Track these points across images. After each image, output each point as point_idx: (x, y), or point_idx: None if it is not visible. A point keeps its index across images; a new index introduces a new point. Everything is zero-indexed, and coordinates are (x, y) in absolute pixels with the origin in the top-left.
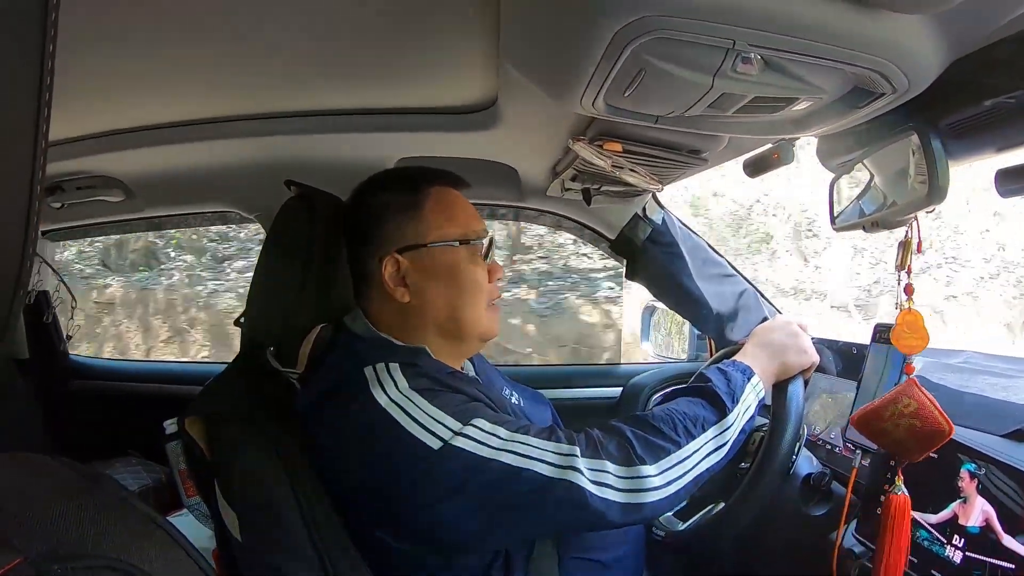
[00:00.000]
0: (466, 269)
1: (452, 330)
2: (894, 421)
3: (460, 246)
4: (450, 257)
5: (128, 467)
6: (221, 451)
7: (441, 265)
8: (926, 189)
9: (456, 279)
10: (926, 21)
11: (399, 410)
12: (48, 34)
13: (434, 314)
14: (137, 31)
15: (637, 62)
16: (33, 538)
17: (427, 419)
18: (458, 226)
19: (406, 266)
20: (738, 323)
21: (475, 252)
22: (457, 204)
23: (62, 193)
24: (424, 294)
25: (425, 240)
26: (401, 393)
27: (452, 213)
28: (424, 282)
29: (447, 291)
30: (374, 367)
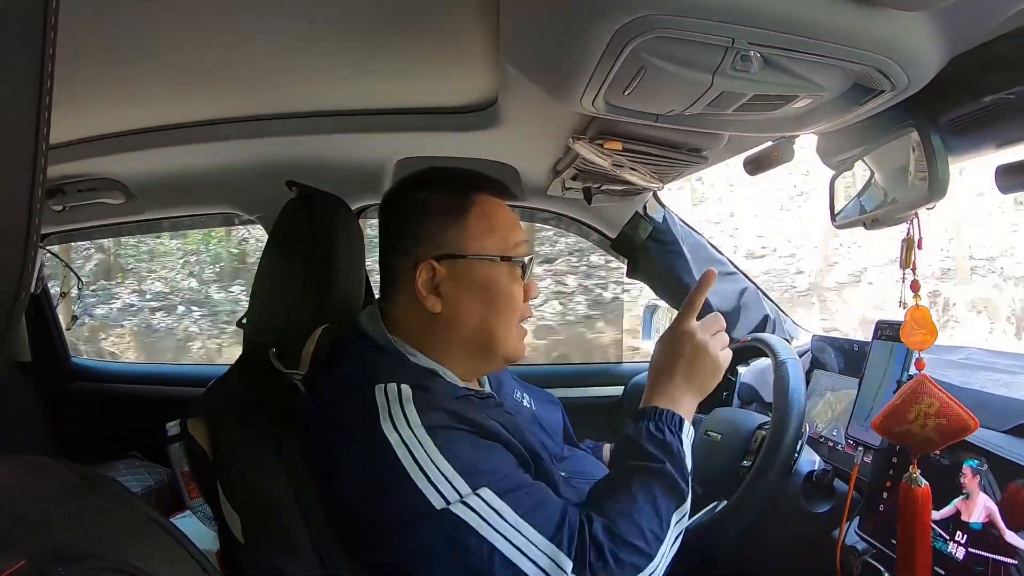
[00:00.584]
0: (504, 287)
1: (480, 347)
2: (920, 422)
3: (501, 262)
4: (490, 272)
5: (130, 468)
6: (224, 452)
7: (479, 279)
8: (926, 186)
9: (492, 295)
10: (925, 18)
11: (408, 455)
12: (48, 36)
13: (464, 328)
14: (137, 33)
15: (637, 61)
16: (36, 540)
17: (436, 473)
18: (502, 240)
19: (442, 275)
20: (740, 321)
21: (515, 270)
22: (503, 216)
23: (63, 196)
24: (457, 306)
25: (466, 251)
26: (412, 432)
27: (496, 225)
28: (458, 294)
29: (481, 307)
30: (385, 388)
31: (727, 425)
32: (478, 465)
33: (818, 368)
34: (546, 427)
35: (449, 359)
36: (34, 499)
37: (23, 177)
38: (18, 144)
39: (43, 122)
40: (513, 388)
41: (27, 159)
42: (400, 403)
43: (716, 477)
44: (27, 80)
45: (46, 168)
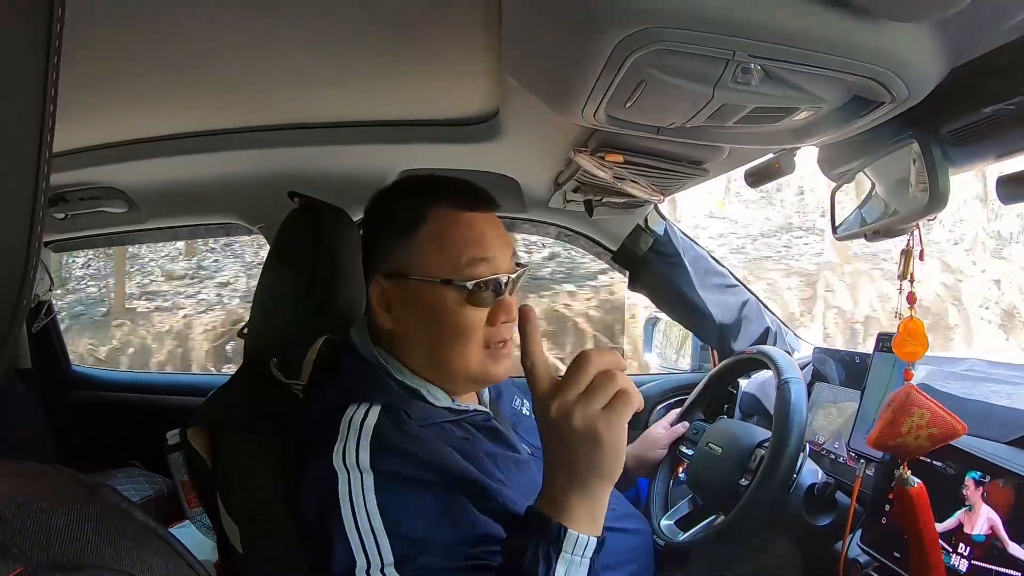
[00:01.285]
0: (450, 311)
1: (437, 370)
2: (914, 434)
3: (442, 285)
4: (433, 295)
5: (130, 477)
6: (224, 462)
7: (423, 301)
8: (927, 197)
9: (438, 319)
10: (924, 29)
11: (347, 495)
12: (52, 45)
13: (416, 349)
14: (140, 44)
15: (638, 74)
16: (33, 548)
17: (366, 528)
18: (450, 261)
19: (390, 292)
20: (740, 333)
21: (462, 293)
22: (456, 232)
23: (65, 204)
24: (407, 327)
25: (408, 271)
26: (360, 473)
27: (446, 244)
28: (406, 314)
29: (427, 330)
30: (354, 413)
31: (728, 438)
32: (413, 532)
33: (820, 380)
34: None
35: (418, 372)
36: (33, 507)
37: (26, 185)
38: (21, 152)
39: (46, 130)
40: (514, 396)
41: (30, 167)
42: (358, 437)
43: (716, 490)
44: (31, 89)
45: (49, 176)
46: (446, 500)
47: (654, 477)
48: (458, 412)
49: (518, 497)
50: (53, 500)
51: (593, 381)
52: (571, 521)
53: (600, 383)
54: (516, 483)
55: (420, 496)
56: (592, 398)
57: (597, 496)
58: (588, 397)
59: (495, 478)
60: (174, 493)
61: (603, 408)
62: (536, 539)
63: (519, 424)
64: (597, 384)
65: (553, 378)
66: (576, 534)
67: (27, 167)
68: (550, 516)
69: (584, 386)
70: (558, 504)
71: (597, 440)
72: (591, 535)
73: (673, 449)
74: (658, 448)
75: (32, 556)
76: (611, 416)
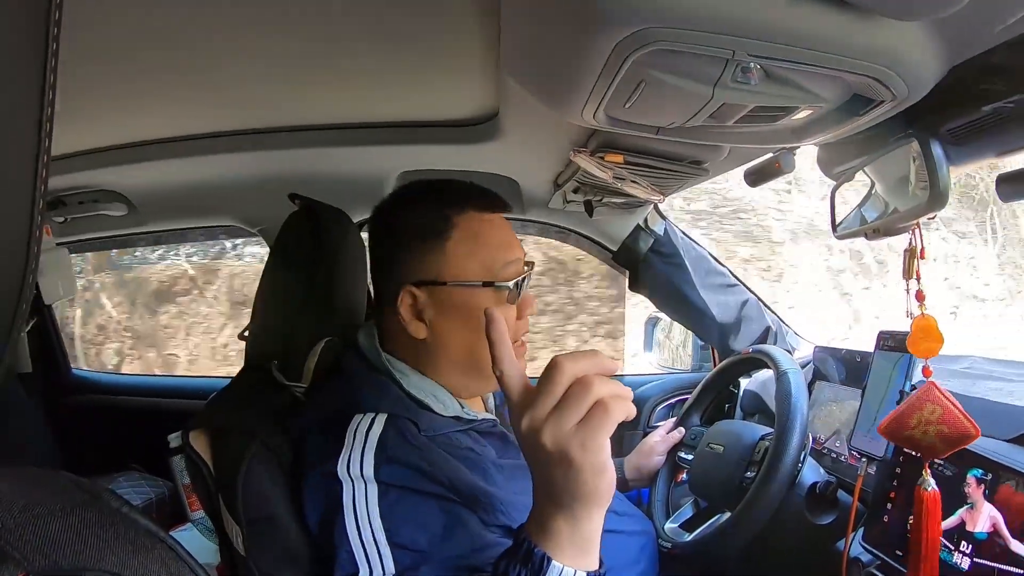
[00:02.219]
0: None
1: (471, 372)
2: (921, 428)
3: (484, 288)
4: (472, 299)
5: (131, 481)
6: (225, 465)
7: (461, 306)
8: (927, 195)
9: (477, 322)
10: (924, 28)
11: (351, 504)
12: (50, 48)
13: (452, 355)
14: (139, 47)
15: (637, 74)
16: (34, 552)
17: (369, 538)
18: (484, 263)
19: (424, 301)
20: (741, 333)
21: (501, 294)
22: (487, 235)
23: (64, 207)
24: (441, 333)
25: (445, 277)
26: (364, 483)
27: (479, 248)
28: (442, 321)
29: (466, 333)
30: (359, 422)
31: (729, 437)
32: (414, 543)
33: (820, 379)
34: None
35: (442, 379)
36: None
37: (24, 188)
38: (19, 155)
39: (44, 133)
40: None
41: (28, 170)
42: (363, 448)
43: (719, 489)
44: (29, 91)
45: (47, 180)
46: (449, 513)
47: (654, 485)
48: (466, 421)
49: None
50: (54, 505)
51: (567, 392)
52: (556, 549)
53: (574, 395)
54: (524, 490)
55: (423, 508)
56: (563, 414)
57: (583, 521)
58: (559, 412)
59: (502, 488)
60: (175, 496)
61: (577, 424)
62: (518, 566)
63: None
64: (570, 396)
65: (526, 388)
66: (560, 566)
67: (26, 170)
68: (534, 544)
69: (556, 398)
70: (544, 529)
71: (569, 462)
72: (578, 568)
73: (671, 456)
74: (655, 456)
75: (33, 561)
76: (585, 433)
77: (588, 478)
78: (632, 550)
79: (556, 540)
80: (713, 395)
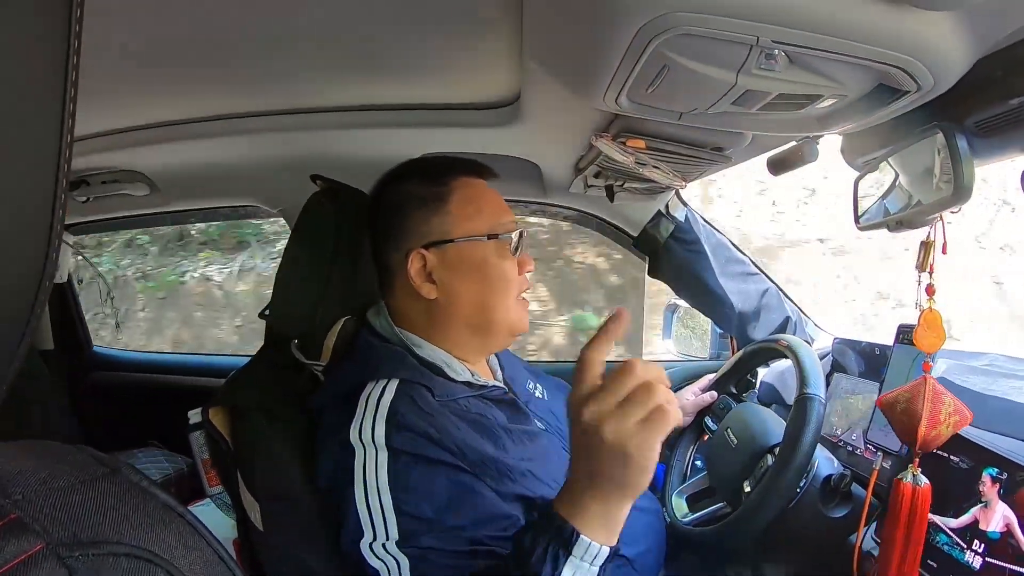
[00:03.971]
0: (495, 264)
1: (481, 326)
2: (947, 422)
3: (489, 241)
4: (479, 252)
5: (150, 456)
6: (244, 442)
7: (469, 261)
8: (951, 189)
9: (485, 275)
10: (952, 18)
11: (361, 470)
12: (73, 30)
13: (463, 310)
14: (162, 27)
15: (660, 59)
16: (53, 524)
17: (376, 509)
18: (486, 219)
19: (433, 262)
20: (760, 322)
21: (504, 246)
22: (484, 196)
23: (87, 187)
24: (452, 291)
25: (452, 235)
26: (375, 447)
27: (479, 206)
28: (452, 278)
29: (476, 287)
30: (372, 389)
31: (745, 433)
32: (420, 511)
33: (839, 371)
34: (558, 415)
35: (454, 344)
36: (54, 486)
37: (47, 168)
38: (43, 135)
39: (68, 114)
40: (526, 379)
41: (52, 150)
42: (375, 414)
43: (724, 482)
44: (53, 72)
45: (71, 159)
46: (458, 481)
47: (673, 448)
48: (476, 387)
49: (535, 471)
50: (74, 479)
51: (632, 393)
52: (585, 526)
53: (639, 396)
54: (532, 456)
55: (432, 476)
56: (628, 411)
57: (615, 505)
58: (624, 409)
59: (511, 454)
60: (194, 472)
61: (638, 422)
62: (547, 538)
63: (531, 404)
64: (636, 396)
65: (596, 381)
66: (588, 540)
67: (49, 151)
68: (565, 518)
69: (622, 396)
70: (575, 507)
71: (626, 456)
72: (604, 544)
73: (699, 418)
74: (685, 415)
75: (52, 533)
76: (645, 433)
77: (634, 472)
78: (642, 524)
79: (586, 518)
80: (748, 369)
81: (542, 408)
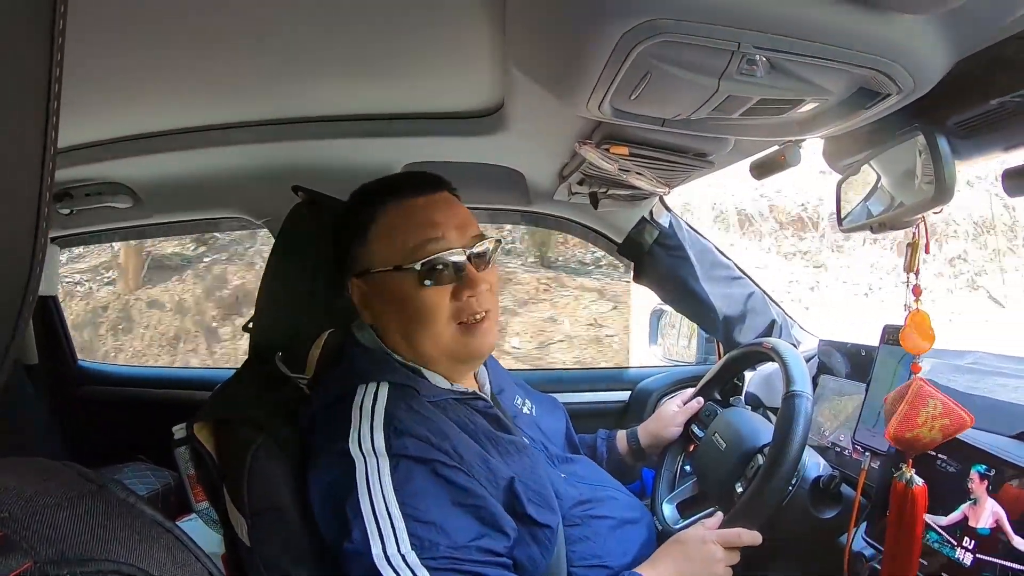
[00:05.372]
0: (411, 293)
1: (417, 355)
2: (929, 424)
3: (397, 272)
4: (394, 283)
5: (136, 472)
6: (230, 456)
7: (388, 292)
8: (933, 189)
9: (402, 305)
10: (931, 21)
11: (364, 480)
12: (56, 41)
13: (394, 338)
14: (144, 38)
15: (643, 65)
16: (41, 542)
17: (384, 518)
18: (398, 248)
19: (363, 290)
20: (746, 325)
21: (416, 275)
22: (408, 221)
23: (70, 199)
24: (381, 319)
25: (369, 266)
26: (375, 455)
27: (394, 234)
28: (379, 307)
29: (397, 317)
30: (363, 395)
31: (733, 435)
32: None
33: (825, 373)
34: (546, 432)
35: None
36: (41, 503)
37: (31, 180)
38: (26, 147)
39: (51, 126)
40: (515, 394)
41: (35, 162)
42: (371, 421)
43: (715, 485)
44: (35, 84)
45: (54, 171)
46: (459, 483)
47: (662, 457)
48: (458, 393)
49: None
50: (61, 495)
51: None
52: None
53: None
54: (516, 465)
55: (434, 479)
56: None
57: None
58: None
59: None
60: (180, 487)
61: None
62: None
63: (518, 419)
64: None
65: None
66: None
67: (32, 163)
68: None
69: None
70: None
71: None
72: None
73: (686, 427)
74: (672, 427)
75: (40, 550)
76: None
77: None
78: (639, 538)
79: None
80: (732, 374)
81: (528, 424)
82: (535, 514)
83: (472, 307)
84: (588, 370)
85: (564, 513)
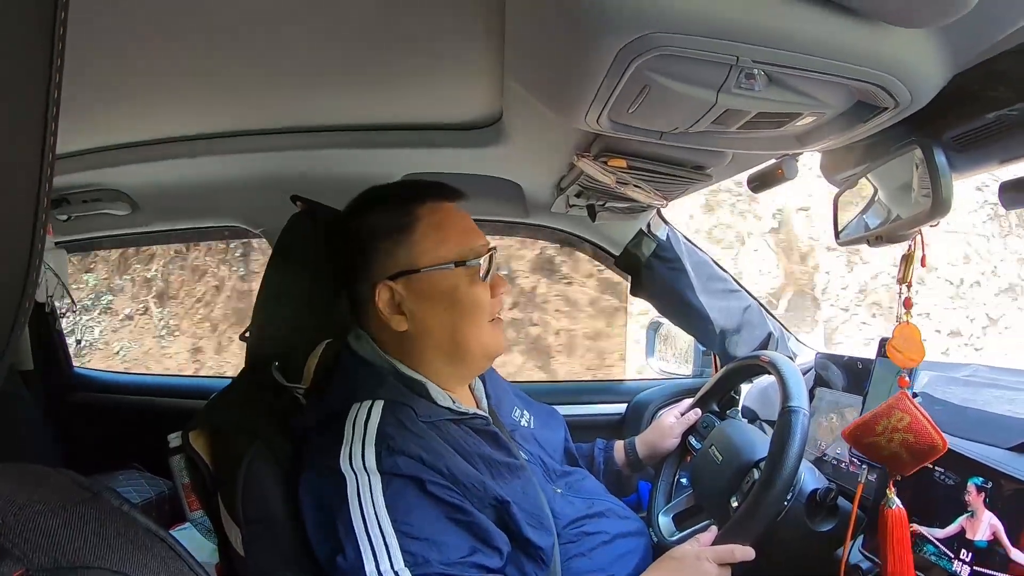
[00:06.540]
0: (466, 291)
1: (456, 353)
2: (887, 435)
3: (457, 268)
4: (447, 281)
5: (131, 479)
6: (225, 465)
7: (438, 290)
8: (930, 203)
9: (455, 303)
10: (928, 35)
11: (356, 497)
12: (56, 47)
13: (435, 340)
14: (143, 46)
15: (641, 79)
16: (34, 549)
17: (377, 535)
18: (453, 246)
19: (401, 293)
20: (742, 338)
21: (474, 272)
22: (451, 221)
23: (68, 206)
24: (423, 321)
25: (418, 265)
26: (368, 476)
27: (446, 233)
28: (422, 308)
29: (447, 315)
30: (356, 414)
31: (730, 449)
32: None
33: (821, 386)
34: (544, 445)
35: (432, 372)
36: (34, 510)
37: (29, 186)
38: (25, 153)
39: (49, 132)
40: (513, 407)
41: (33, 168)
42: (363, 439)
43: (710, 499)
44: (34, 91)
45: (52, 178)
46: (451, 502)
47: (659, 469)
48: (458, 414)
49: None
50: (54, 502)
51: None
52: None
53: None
54: (511, 487)
55: (426, 497)
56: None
57: None
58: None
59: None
60: (175, 495)
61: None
62: None
63: (516, 432)
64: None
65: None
66: None
67: (30, 169)
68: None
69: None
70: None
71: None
72: None
73: (683, 438)
74: (670, 438)
75: (33, 558)
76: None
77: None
78: (636, 549)
79: None
80: (730, 386)
81: (526, 437)
82: (533, 536)
83: (499, 305)
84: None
85: (559, 531)
